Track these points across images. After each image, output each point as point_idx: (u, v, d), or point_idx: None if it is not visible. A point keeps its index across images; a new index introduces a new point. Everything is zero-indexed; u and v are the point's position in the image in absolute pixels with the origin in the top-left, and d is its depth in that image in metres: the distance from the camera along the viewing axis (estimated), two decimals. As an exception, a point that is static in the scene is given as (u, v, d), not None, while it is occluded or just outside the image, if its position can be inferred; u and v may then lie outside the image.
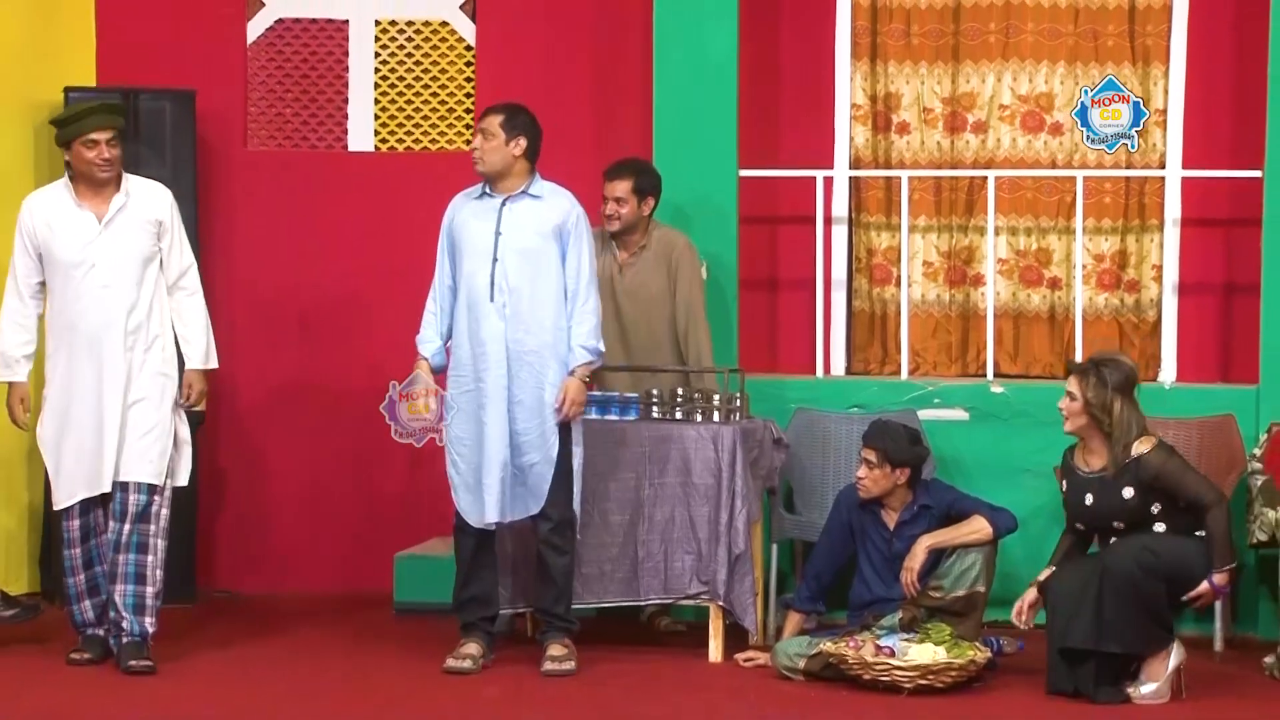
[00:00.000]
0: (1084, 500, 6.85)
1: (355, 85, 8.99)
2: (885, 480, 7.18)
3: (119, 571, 7.03)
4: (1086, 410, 6.81)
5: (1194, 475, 6.75)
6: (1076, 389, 6.84)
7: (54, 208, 7.06)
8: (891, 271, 8.81)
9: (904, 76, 8.83)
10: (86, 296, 7.00)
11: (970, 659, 6.81)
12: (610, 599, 7.43)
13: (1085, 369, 6.86)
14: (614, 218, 7.80)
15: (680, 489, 7.37)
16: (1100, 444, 6.84)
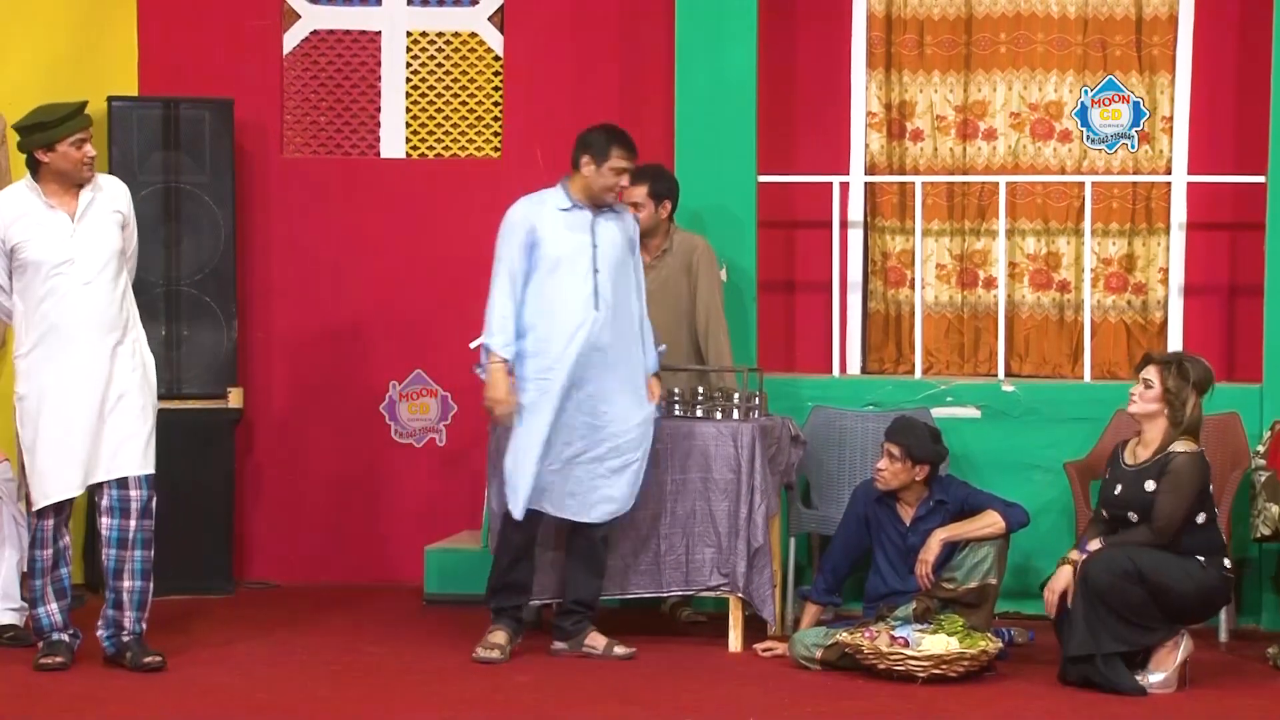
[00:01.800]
0: (1114, 490, 6.84)
1: (387, 94, 9.01)
2: (904, 474, 7.18)
3: (127, 568, 6.89)
4: (1164, 398, 6.75)
5: (1176, 502, 6.68)
6: (1156, 377, 6.79)
7: (23, 209, 6.81)
8: (905, 274, 8.81)
9: (918, 85, 8.82)
10: (70, 295, 6.78)
11: (982, 649, 6.80)
12: (634, 591, 7.44)
13: (1168, 360, 6.83)
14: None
15: (701, 484, 7.37)
16: (1157, 436, 6.79)
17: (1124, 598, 6.60)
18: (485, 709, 6.47)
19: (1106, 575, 6.60)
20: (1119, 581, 6.58)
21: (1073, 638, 6.64)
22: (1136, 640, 6.65)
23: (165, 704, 6.48)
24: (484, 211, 8.93)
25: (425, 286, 8.89)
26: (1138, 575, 6.59)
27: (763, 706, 6.52)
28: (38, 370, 6.81)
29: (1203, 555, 6.72)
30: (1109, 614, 6.59)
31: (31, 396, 6.82)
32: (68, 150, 6.80)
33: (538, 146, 8.93)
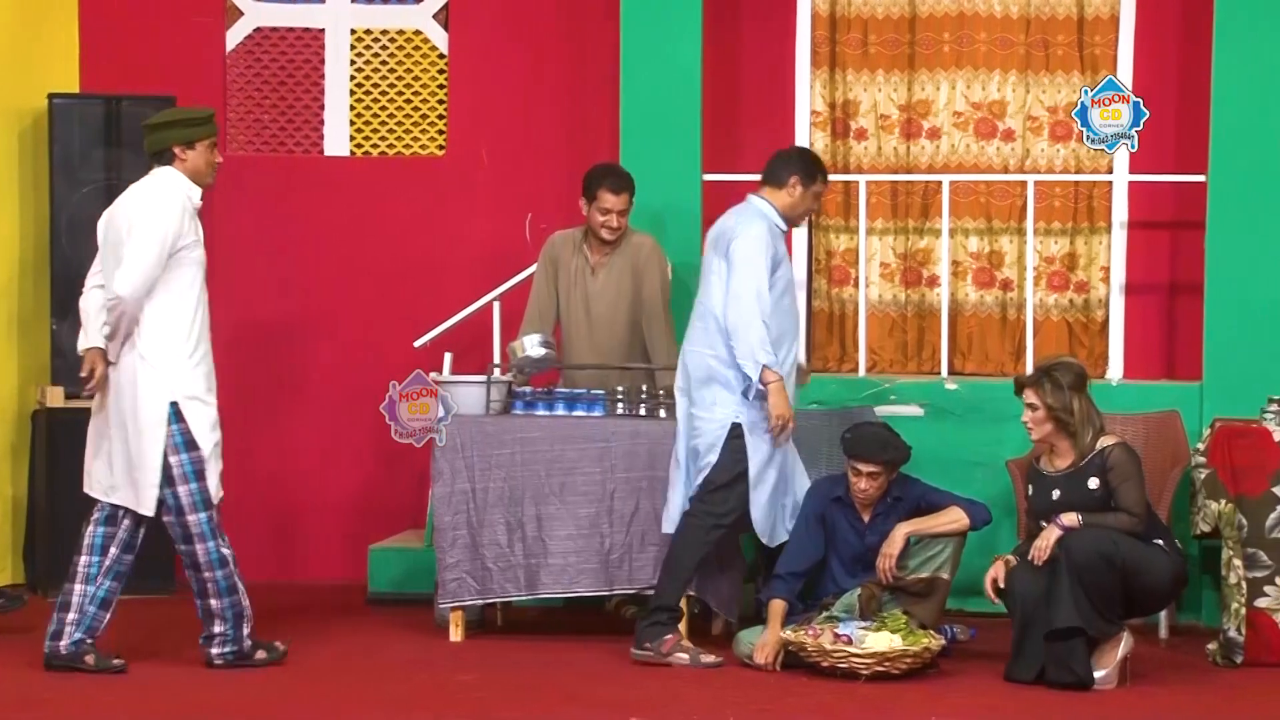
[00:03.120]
0: (1051, 496, 6.85)
1: (331, 92, 8.98)
2: (884, 484, 7.17)
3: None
4: (1051, 416, 6.82)
5: (1138, 488, 6.76)
6: (1035, 399, 6.85)
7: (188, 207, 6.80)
8: (850, 272, 8.83)
9: (861, 84, 8.84)
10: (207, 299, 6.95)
11: (925, 646, 6.82)
12: (577, 589, 7.43)
13: (1037, 378, 6.87)
14: (615, 229, 7.78)
15: (645, 482, 7.37)
16: (1067, 445, 6.87)
17: (1099, 579, 6.61)
18: (430, 708, 6.45)
19: (1090, 554, 6.60)
20: (1101, 563, 6.60)
21: (1058, 611, 6.62)
22: (1100, 628, 6.68)
23: (109, 705, 6.44)
24: (428, 210, 8.94)
25: (369, 285, 8.86)
26: (1120, 560, 6.61)
27: (707, 705, 6.52)
28: (198, 371, 6.79)
29: (1160, 539, 6.77)
30: (1083, 594, 6.60)
31: (200, 398, 6.78)
32: (204, 151, 6.86)
33: (483, 145, 8.93)
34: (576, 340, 7.89)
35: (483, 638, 7.52)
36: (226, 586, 6.84)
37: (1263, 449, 7.14)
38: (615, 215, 7.76)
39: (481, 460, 7.43)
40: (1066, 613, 6.62)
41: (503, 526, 7.41)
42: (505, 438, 7.44)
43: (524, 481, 7.40)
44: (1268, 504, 7.13)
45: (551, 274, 7.92)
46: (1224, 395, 7.88)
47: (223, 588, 6.84)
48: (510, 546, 7.40)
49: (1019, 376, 7.02)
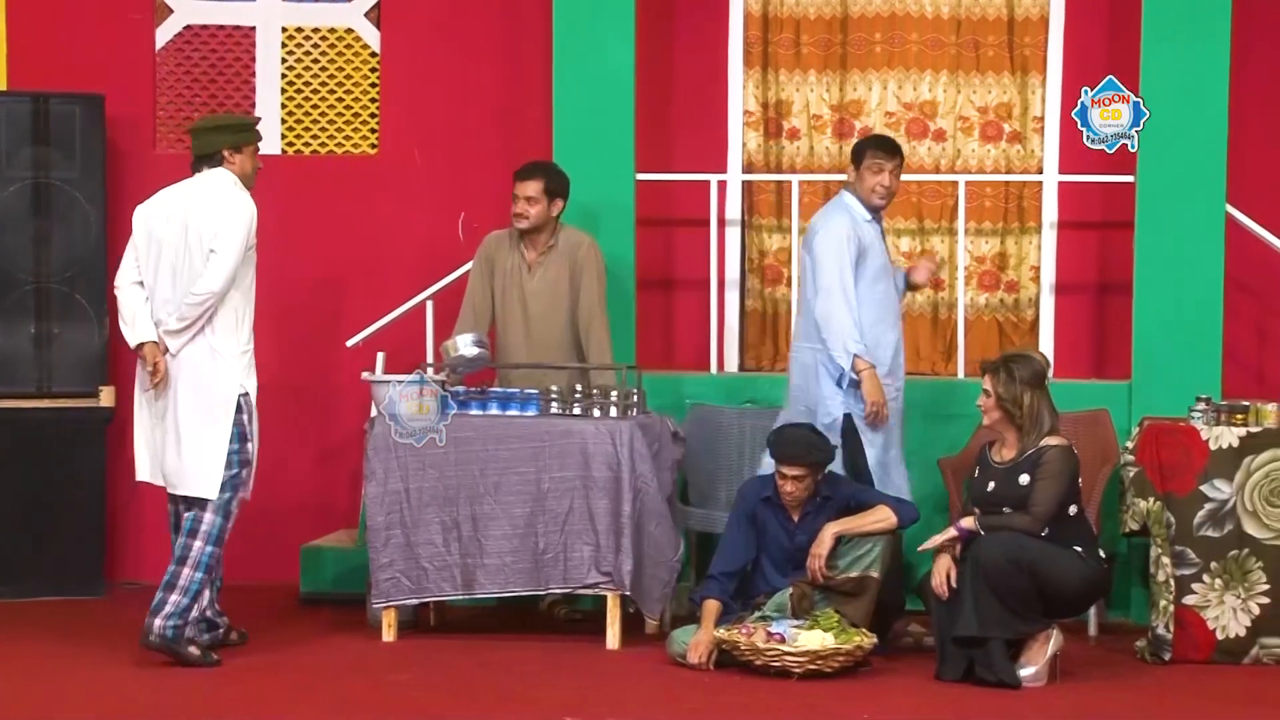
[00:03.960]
0: (986, 487, 6.95)
1: (262, 90, 8.95)
2: (810, 486, 7.22)
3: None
4: (999, 405, 6.91)
5: (1054, 490, 6.81)
6: (989, 385, 6.94)
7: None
8: (783, 272, 8.88)
9: (794, 84, 8.90)
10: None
11: (857, 645, 6.87)
12: (512, 588, 7.44)
13: (996, 366, 6.97)
14: (523, 216, 7.82)
15: (579, 482, 7.38)
16: (1014, 437, 6.94)
17: (1011, 584, 6.69)
18: (365, 708, 6.46)
19: (997, 559, 6.69)
20: (1009, 567, 6.68)
21: (959, 619, 6.72)
22: (1018, 629, 6.75)
23: (41, 708, 6.42)
24: (360, 209, 8.93)
25: (301, 285, 8.84)
26: (1028, 563, 6.70)
27: (641, 703, 6.55)
28: (253, 367, 7.15)
29: (1080, 546, 6.85)
30: (994, 599, 6.69)
31: (254, 395, 7.13)
32: (250, 155, 7.21)
33: (415, 144, 8.93)
34: (511, 339, 7.90)
35: (416, 637, 7.52)
36: (205, 564, 7.02)
37: (1190, 447, 7.22)
38: (523, 202, 7.77)
39: (415, 460, 7.43)
40: (965, 621, 6.72)
41: (438, 526, 7.42)
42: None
43: (459, 481, 7.41)
44: (1195, 502, 7.21)
45: (486, 273, 7.93)
46: (1152, 394, 7.96)
47: (203, 563, 7.01)
48: (446, 546, 7.41)
49: (984, 361, 7.12)
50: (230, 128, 7.21)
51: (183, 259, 7.06)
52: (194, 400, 7.04)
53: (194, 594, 6.98)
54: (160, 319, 7.09)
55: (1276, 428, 7.22)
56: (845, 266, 7.35)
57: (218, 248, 7.02)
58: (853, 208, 7.49)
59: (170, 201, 7.17)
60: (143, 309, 7.10)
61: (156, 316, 7.10)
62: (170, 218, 7.11)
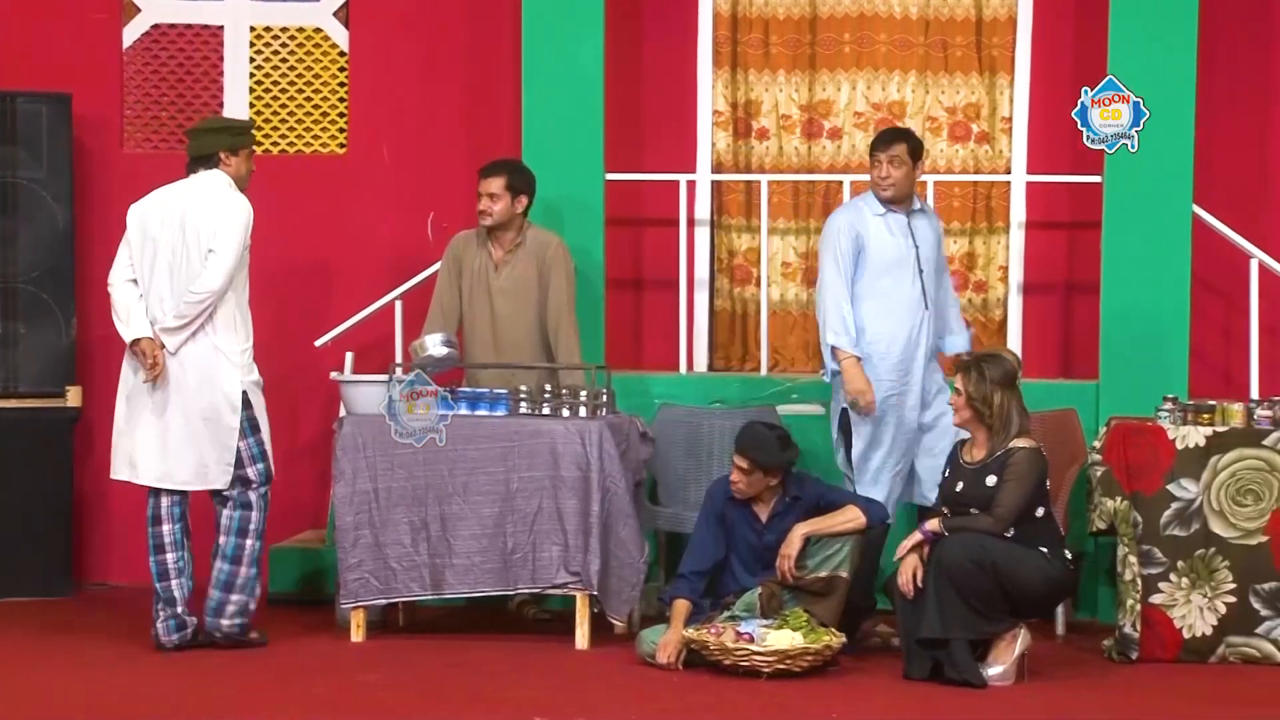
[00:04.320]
0: (956, 487, 6.97)
1: (230, 89, 8.94)
2: (758, 484, 7.23)
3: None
4: (969, 404, 6.93)
5: (1019, 492, 6.84)
6: (961, 384, 6.96)
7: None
8: (752, 272, 8.90)
9: (763, 84, 8.92)
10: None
11: (826, 644, 6.89)
12: (481, 588, 7.45)
13: (968, 365, 6.98)
14: (487, 213, 7.83)
15: (548, 482, 7.39)
16: (984, 437, 6.97)
17: (974, 584, 6.73)
18: (334, 709, 6.46)
19: (960, 560, 6.72)
20: (972, 567, 6.71)
21: (922, 620, 6.75)
22: (982, 629, 6.78)
23: (7, 708, 6.40)
24: (329, 209, 8.93)
25: (270, 284, 8.81)
26: (990, 564, 6.73)
27: (610, 703, 6.56)
28: (254, 364, 7.31)
29: (1045, 547, 6.88)
30: (958, 599, 6.72)
31: (257, 390, 7.30)
32: (246, 158, 7.36)
33: (384, 144, 8.93)
34: (479, 339, 7.91)
35: (385, 638, 7.52)
36: (257, 559, 7.29)
37: (1157, 447, 7.25)
38: (488, 199, 7.78)
39: (384, 460, 7.44)
40: (929, 622, 6.74)
41: (406, 526, 7.43)
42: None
43: (427, 481, 7.42)
44: (1162, 501, 7.24)
45: (455, 273, 7.94)
46: (1120, 394, 8.00)
47: (255, 558, 7.28)
48: (415, 546, 7.42)
49: (957, 359, 7.14)
50: (227, 130, 7.35)
51: (180, 258, 7.18)
52: (202, 399, 7.20)
53: (253, 590, 7.29)
54: (156, 317, 7.20)
55: (1243, 427, 7.26)
56: (837, 259, 7.48)
57: (216, 247, 7.15)
58: (862, 203, 7.60)
59: (166, 201, 7.28)
60: (137, 306, 7.23)
61: (152, 315, 7.21)
62: (166, 218, 7.22)
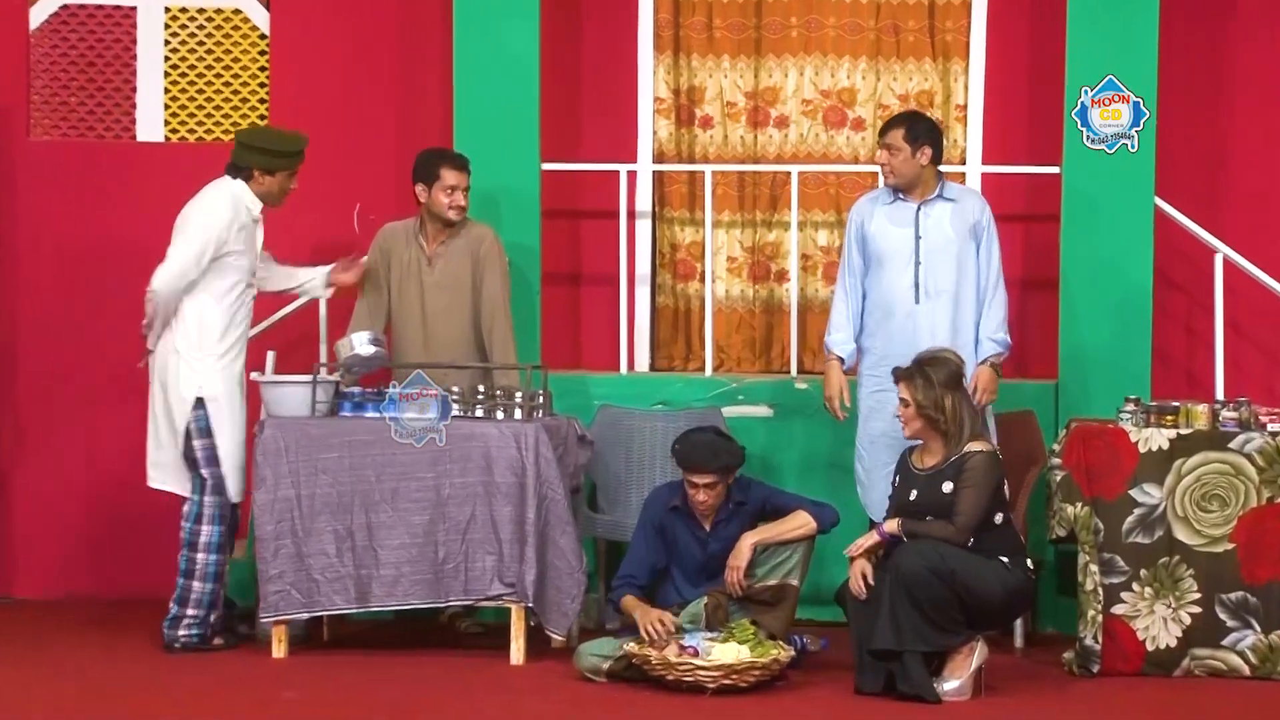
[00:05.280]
0: (909, 495, 6.92)
1: (144, 73, 8.84)
2: (723, 492, 7.18)
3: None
4: (920, 413, 6.87)
5: (977, 499, 6.80)
6: (907, 394, 6.89)
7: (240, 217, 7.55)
8: (695, 267, 8.85)
9: (707, 70, 8.87)
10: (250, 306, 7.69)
11: (774, 658, 6.84)
12: (411, 601, 7.37)
13: (911, 372, 6.91)
14: (462, 208, 7.77)
15: (482, 488, 7.33)
16: (938, 444, 6.92)
17: (931, 594, 6.68)
18: (252, 730, 6.40)
19: (917, 568, 6.66)
20: (929, 576, 6.66)
21: (875, 631, 6.70)
22: (937, 642, 6.74)
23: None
24: (249, 199, 8.80)
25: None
26: (948, 573, 6.68)
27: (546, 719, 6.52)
28: (226, 372, 7.47)
29: (1006, 556, 6.84)
30: (914, 610, 6.67)
31: (221, 398, 7.45)
32: (284, 180, 7.62)
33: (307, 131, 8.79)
34: (410, 337, 7.83)
35: (308, 653, 7.45)
36: (214, 573, 7.44)
37: (1119, 450, 7.24)
38: (461, 193, 7.75)
39: (307, 465, 7.35)
40: (882, 634, 6.70)
41: (330, 535, 7.34)
42: (332, 441, 7.37)
43: (353, 487, 7.34)
44: (1124, 507, 7.23)
45: (383, 267, 7.86)
46: (1080, 395, 8.01)
47: (210, 573, 7.43)
48: (339, 556, 7.34)
49: (895, 368, 7.05)
50: (271, 152, 7.55)
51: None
52: (160, 400, 7.49)
53: (209, 604, 7.45)
54: None
55: (1208, 429, 7.25)
56: (846, 250, 7.51)
57: (170, 249, 7.46)
58: (880, 191, 7.58)
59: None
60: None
61: None
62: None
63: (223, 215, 7.47)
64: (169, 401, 7.46)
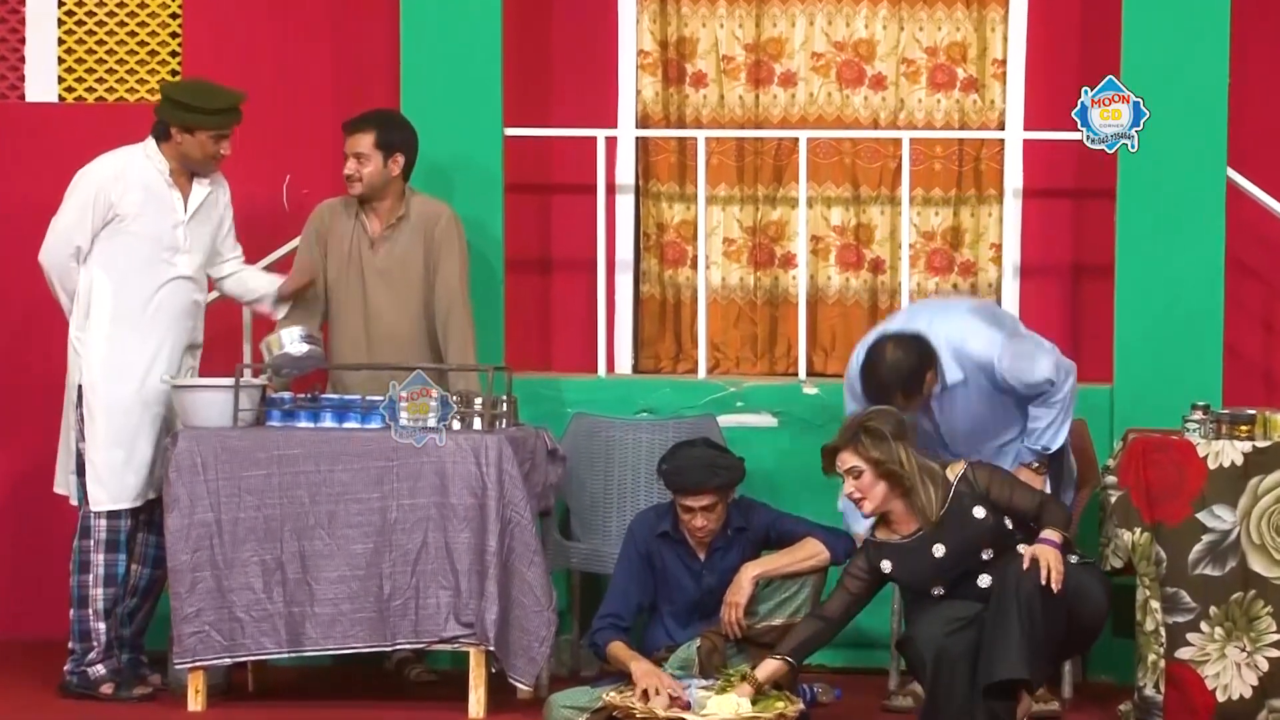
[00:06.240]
0: (932, 556, 6.82)
1: (34, 27, 8.91)
2: (723, 514, 7.22)
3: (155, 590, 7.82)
4: (881, 474, 6.80)
5: (1025, 487, 6.89)
6: (857, 460, 6.79)
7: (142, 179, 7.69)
8: (686, 250, 8.90)
9: (700, 18, 8.92)
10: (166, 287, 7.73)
11: (778, 711, 6.88)
12: (351, 644, 7.41)
13: (851, 437, 6.81)
14: (355, 179, 7.81)
15: (435, 511, 7.37)
16: (902, 507, 6.85)
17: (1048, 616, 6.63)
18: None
19: (1034, 583, 6.61)
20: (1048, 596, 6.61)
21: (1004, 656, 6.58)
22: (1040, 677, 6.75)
23: None
24: (160, 170, 8.85)
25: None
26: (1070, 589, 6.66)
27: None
28: (111, 360, 7.56)
29: (1073, 555, 6.85)
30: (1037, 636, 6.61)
31: (100, 387, 7.55)
32: (204, 140, 7.66)
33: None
34: (349, 334, 7.87)
35: (230, 705, 7.48)
36: (78, 597, 7.58)
37: (1184, 466, 7.27)
38: (352, 160, 7.81)
39: (228, 485, 7.40)
40: (1013, 662, 6.58)
41: (257, 567, 7.38)
42: (259, 456, 7.41)
43: (283, 511, 7.39)
44: (1190, 533, 7.26)
45: (319, 251, 7.90)
46: (1139, 401, 8.04)
47: (73, 597, 7.58)
48: (267, 592, 7.38)
49: (826, 446, 6.93)
50: (187, 107, 7.61)
51: None
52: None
53: (82, 635, 7.56)
54: None
55: (1289, 442, 7.31)
56: None
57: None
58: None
59: None
60: None
61: None
62: None
63: (101, 174, 7.60)
64: (66, 395, 7.64)
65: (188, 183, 7.70)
